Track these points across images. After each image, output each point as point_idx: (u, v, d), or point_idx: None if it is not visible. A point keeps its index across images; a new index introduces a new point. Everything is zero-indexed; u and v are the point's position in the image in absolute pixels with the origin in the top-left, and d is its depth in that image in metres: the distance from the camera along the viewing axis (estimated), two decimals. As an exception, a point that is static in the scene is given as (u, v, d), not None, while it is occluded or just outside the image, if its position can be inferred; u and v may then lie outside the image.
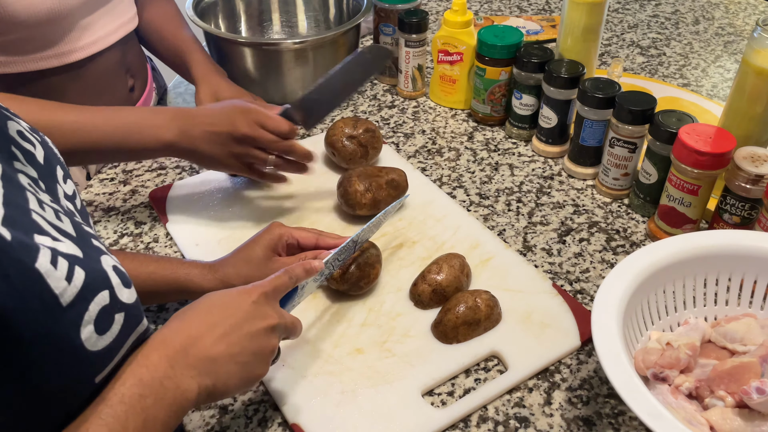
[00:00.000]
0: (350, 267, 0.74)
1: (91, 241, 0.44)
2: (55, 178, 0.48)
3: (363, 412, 0.64)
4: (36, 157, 0.47)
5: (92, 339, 0.41)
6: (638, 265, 0.65)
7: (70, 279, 0.39)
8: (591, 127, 0.92)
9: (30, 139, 0.47)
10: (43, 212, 0.41)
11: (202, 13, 1.10)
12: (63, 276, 0.38)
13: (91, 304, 0.40)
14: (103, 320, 0.42)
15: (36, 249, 0.38)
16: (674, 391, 0.62)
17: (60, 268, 0.38)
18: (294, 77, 1.06)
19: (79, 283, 0.39)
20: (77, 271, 0.40)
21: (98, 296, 0.41)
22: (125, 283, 0.44)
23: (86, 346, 0.41)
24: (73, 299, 0.39)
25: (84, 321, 0.40)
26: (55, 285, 0.38)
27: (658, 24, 1.41)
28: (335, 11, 1.23)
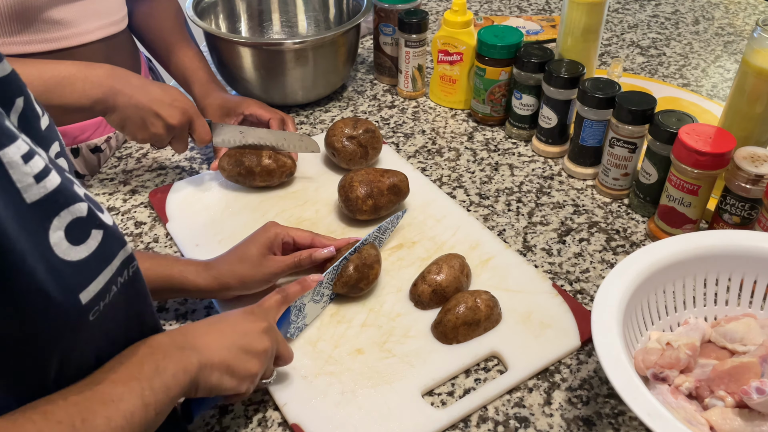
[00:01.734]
0: (349, 269, 0.74)
1: (64, 173, 0.44)
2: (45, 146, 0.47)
3: (363, 412, 0.64)
4: (41, 120, 0.46)
5: (62, 246, 0.40)
6: (638, 265, 0.65)
7: (41, 179, 0.38)
8: (591, 127, 0.92)
9: (41, 107, 0.47)
10: (20, 140, 0.40)
11: (201, 13, 1.10)
12: (32, 173, 0.38)
13: (63, 210, 0.40)
14: (76, 230, 0.41)
15: (12, 137, 0.37)
16: (674, 391, 0.62)
17: (32, 165, 0.38)
18: (294, 77, 1.06)
19: (50, 186, 0.39)
20: (53, 174, 0.39)
21: (74, 206, 0.41)
22: (99, 209, 0.44)
23: (56, 251, 0.40)
24: (40, 199, 0.38)
25: (53, 225, 0.40)
26: (17, 178, 0.37)
27: (658, 24, 1.41)
28: (335, 11, 1.23)
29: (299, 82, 1.07)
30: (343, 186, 0.85)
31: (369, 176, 0.85)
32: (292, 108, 1.13)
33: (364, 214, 0.85)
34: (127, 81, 0.82)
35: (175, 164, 0.99)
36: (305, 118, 1.11)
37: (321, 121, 1.10)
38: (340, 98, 1.16)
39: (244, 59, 1.05)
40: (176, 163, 1.00)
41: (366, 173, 0.86)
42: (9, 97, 0.43)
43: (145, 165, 1.00)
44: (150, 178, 0.97)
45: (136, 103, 0.81)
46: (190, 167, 0.99)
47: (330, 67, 1.09)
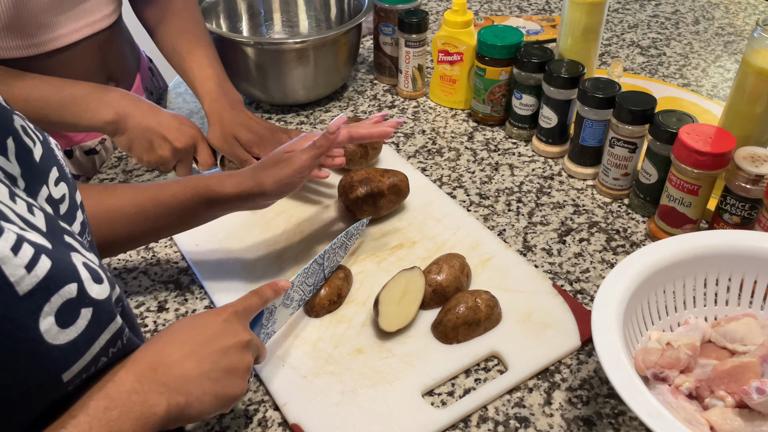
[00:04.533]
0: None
1: (63, 237, 0.43)
2: (44, 180, 0.47)
3: (363, 412, 0.64)
4: (33, 153, 0.46)
5: (53, 331, 0.39)
6: (638, 265, 0.65)
7: (31, 268, 0.38)
8: (591, 127, 0.92)
9: (32, 136, 0.46)
10: (12, 204, 0.40)
11: (203, 13, 1.10)
12: (23, 264, 0.37)
13: (53, 295, 0.39)
14: (66, 313, 0.40)
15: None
16: (674, 391, 0.62)
17: (21, 255, 0.37)
18: (295, 77, 1.06)
19: (41, 273, 0.38)
20: (42, 260, 0.39)
21: (64, 288, 0.40)
22: (96, 278, 0.43)
23: (45, 338, 0.39)
24: (32, 289, 0.38)
25: (44, 312, 0.39)
26: (10, 272, 0.37)
27: (658, 24, 1.41)
28: (336, 11, 1.23)
29: (300, 82, 1.07)
30: (343, 186, 0.85)
31: (369, 176, 0.85)
32: (293, 107, 1.13)
33: (364, 214, 0.85)
34: (138, 105, 0.84)
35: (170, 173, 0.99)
36: (305, 118, 1.11)
37: (321, 120, 1.10)
38: (340, 98, 1.16)
39: (245, 59, 1.05)
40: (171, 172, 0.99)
41: (366, 173, 0.86)
42: (1, 142, 0.43)
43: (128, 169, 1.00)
44: (150, 179, 0.97)
45: (146, 126, 0.83)
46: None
47: (331, 67, 1.09)
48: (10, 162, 0.44)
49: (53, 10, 0.85)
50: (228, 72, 1.09)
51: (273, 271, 0.80)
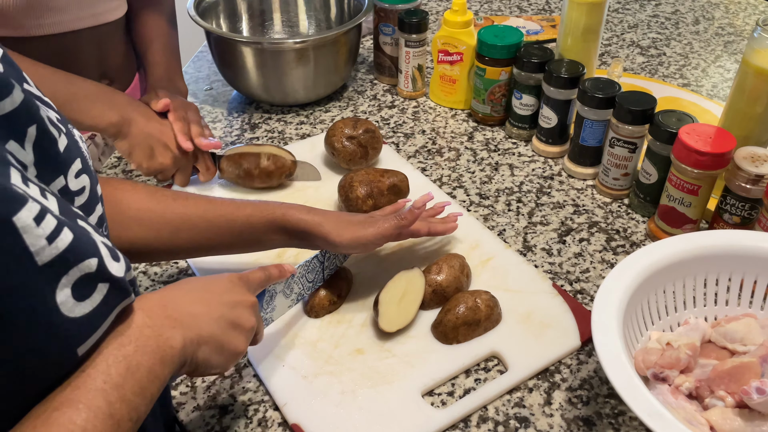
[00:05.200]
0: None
1: (77, 221, 0.42)
2: (63, 170, 0.46)
3: (363, 412, 0.64)
4: (58, 144, 0.45)
5: (68, 304, 0.39)
6: (638, 265, 0.65)
7: (53, 239, 0.37)
8: (591, 127, 0.92)
9: (58, 126, 0.46)
10: (26, 188, 0.39)
11: (203, 13, 1.10)
12: (44, 234, 0.37)
13: (72, 268, 0.39)
14: (83, 286, 0.40)
15: (23, 200, 0.36)
16: (674, 391, 0.62)
17: (44, 226, 0.37)
18: (295, 77, 1.06)
19: (62, 245, 0.38)
20: (65, 232, 0.38)
21: (84, 262, 0.40)
22: (114, 257, 0.42)
23: (62, 310, 0.39)
24: (52, 260, 0.37)
25: (60, 284, 0.38)
26: (31, 242, 0.36)
27: (658, 24, 1.41)
28: (336, 11, 1.23)
29: (300, 82, 1.07)
30: (343, 186, 0.85)
31: (369, 176, 0.85)
32: (293, 107, 1.13)
33: (364, 214, 0.85)
34: (143, 111, 0.85)
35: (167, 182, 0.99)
36: (305, 118, 1.11)
37: (321, 120, 1.10)
38: (340, 98, 1.16)
39: (245, 59, 1.05)
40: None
41: (366, 173, 0.86)
42: (20, 129, 0.42)
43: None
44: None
45: (148, 132, 0.84)
46: (190, 167, 0.99)
47: (331, 67, 1.09)
48: (23, 150, 0.43)
49: None
50: (228, 72, 1.09)
51: (273, 271, 0.80)
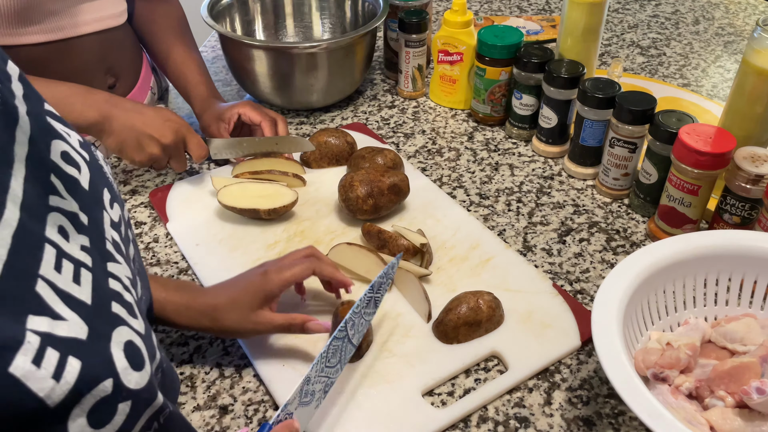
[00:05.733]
0: None
1: (110, 307, 0.39)
2: (101, 205, 0.43)
3: (363, 412, 0.64)
4: (80, 183, 0.42)
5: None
6: (638, 265, 0.65)
7: (59, 375, 0.33)
8: (591, 127, 0.92)
9: (75, 161, 0.43)
10: (56, 276, 0.36)
11: (217, 16, 1.10)
12: (49, 374, 0.33)
13: (85, 396, 0.35)
14: (100, 412, 0.36)
15: (15, 345, 0.32)
16: (674, 391, 0.62)
17: (45, 365, 0.33)
18: (309, 81, 1.05)
19: (71, 379, 0.34)
20: (71, 362, 0.34)
21: (98, 387, 0.36)
22: (135, 365, 0.38)
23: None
24: (65, 398, 0.34)
25: (73, 414, 0.34)
26: (38, 387, 0.32)
27: (658, 24, 1.41)
28: (351, 15, 1.22)
29: (314, 86, 1.06)
30: (344, 186, 0.85)
31: (369, 176, 0.85)
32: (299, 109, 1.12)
33: (364, 214, 0.85)
34: (122, 106, 0.85)
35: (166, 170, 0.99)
36: (305, 118, 1.11)
37: (321, 120, 1.10)
38: (340, 98, 1.16)
39: (258, 62, 1.04)
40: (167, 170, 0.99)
41: (366, 173, 0.86)
42: (48, 179, 0.40)
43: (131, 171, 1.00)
44: (150, 178, 0.97)
45: (131, 126, 0.84)
46: (190, 167, 0.99)
47: (347, 71, 1.08)
48: (65, 199, 0.40)
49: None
50: (240, 75, 1.09)
51: (273, 271, 0.80)
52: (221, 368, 0.70)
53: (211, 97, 1.00)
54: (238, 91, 1.18)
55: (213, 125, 0.97)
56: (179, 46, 1.03)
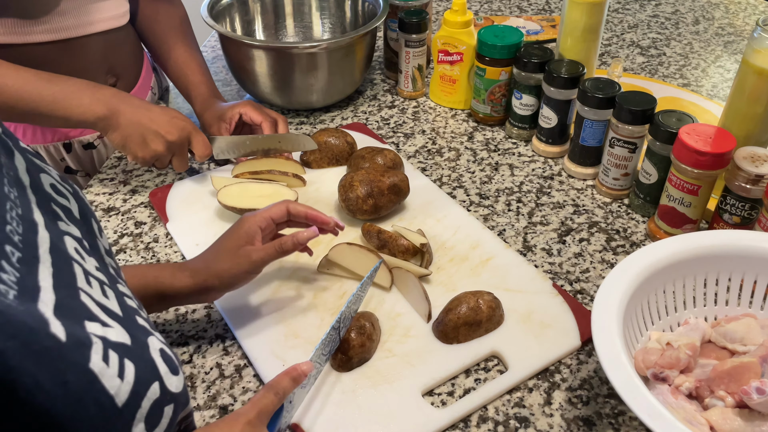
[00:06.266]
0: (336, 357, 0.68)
1: (136, 319, 0.40)
2: (93, 234, 0.44)
3: (363, 412, 0.64)
4: (72, 212, 0.43)
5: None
6: (638, 265, 0.65)
7: (122, 375, 0.34)
8: (591, 127, 0.92)
9: (63, 193, 0.43)
10: (90, 289, 0.37)
11: (217, 16, 1.10)
12: (115, 373, 0.34)
13: (143, 399, 0.36)
14: (153, 415, 0.37)
15: (88, 344, 0.33)
16: (674, 391, 0.62)
17: (112, 364, 0.34)
18: (309, 81, 1.05)
19: (131, 379, 0.35)
20: (127, 364, 0.35)
21: (150, 390, 0.37)
22: (173, 369, 0.40)
23: None
24: (128, 398, 0.35)
25: (136, 419, 0.35)
26: (109, 385, 0.33)
27: (658, 24, 1.41)
28: (351, 15, 1.22)
29: (314, 87, 1.06)
30: (344, 186, 0.85)
31: (369, 176, 0.85)
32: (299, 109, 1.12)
33: (364, 214, 0.85)
34: (129, 102, 0.85)
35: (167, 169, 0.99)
36: (305, 118, 1.11)
37: (321, 120, 1.10)
38: (340, 98, 1.16)
39: (258, 62, 1.04)
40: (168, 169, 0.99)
41: (366, 173, 0.86)
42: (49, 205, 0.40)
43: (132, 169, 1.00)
44: (150, 178, 0.97)
45: (137, 121, 0.84)
46: (189, 167, 0.99)
47: (347, 71, 1.08)
48: (69, 225, 0.40)
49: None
50: (240, 75, 1.09)
51: (273, 270, 0.80)
52: (221, 368, 0.70)
53: (212, 96, 1.01)
54: (238, 91, 1.18)
55: (214, 125, 0.97)
56: (181, 46, 1.03)
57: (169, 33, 1.04)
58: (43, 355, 0.30)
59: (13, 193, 0.36)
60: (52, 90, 0.81)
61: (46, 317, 0.32)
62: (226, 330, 0.74)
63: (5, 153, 0.38)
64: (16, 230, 0.34)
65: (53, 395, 0.30)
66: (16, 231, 0.34)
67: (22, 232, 0.34)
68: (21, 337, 0.29)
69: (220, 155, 0.95)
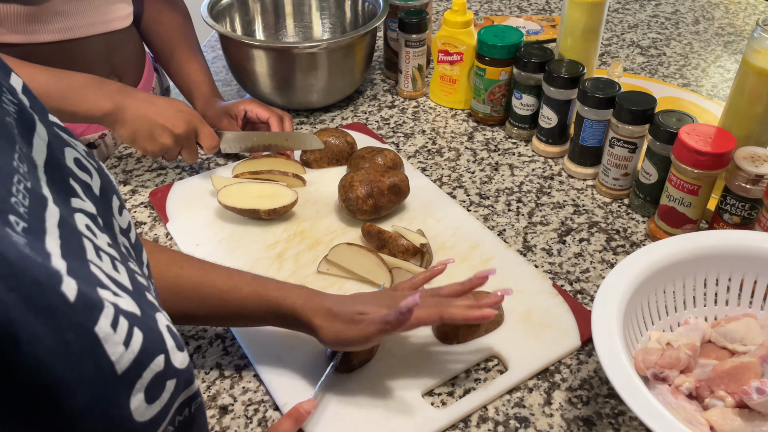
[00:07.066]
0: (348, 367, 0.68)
1: (145, 295, 0.41)
2: (111, 212, 0.44)
3: (363, 412, 0.64)
4: (92, 188, 0.43)
5: (141, 408, 0.36)
6: (638, 265, 0.65)
7: (128, 343, 0.35)
8: (591, 127, 0.92)
9: (87, 168, 0.43)
10: (100, 262, 0.38)
11: (217, 16, 1.10)
12: (121, 340, 0.34)
13: (145, 370, 0.36)
14: (154, 387, 0.37)
15: (100, 307, 0.34)
16: (674, 391, 0.62)
17: (119, 331, 0.34)
18: (309, 81, 1.05)
19: (136, 348, 0.35)
20: (136, 333, 0.36)
21: (154, 362, 0.37)
22: (179, 346, 0.40)
23: (134, 416, 0.36)
24: (129, 366, 0.35)
25: (135, 389, 0.36)
26: (111, 351, 0.34)
27: (658, 24, 1.41)
28: (351, 15, 1.22)
29: (314, 87, 1.06)
30: (344, 186, 0.85)
31: (369, 176, 0.85)
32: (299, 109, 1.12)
33: (364, 214, 0.85)
34: (135, 96, 0.86)
35: (175, 164, 0.99)
36: (305, 118, 1.11)
37: (321, 120, 1.10)
38: (340, 98, 1.16)
39: (258, 62, 1.04)
40: (176, 163, 1.00)
41: (366, 173, 0.86)
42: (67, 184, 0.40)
43: (145, 165, 1.00)
44: (150, 178, 0.97)
45: (143, 115, 0.85)
46: (189, 167, 0.99)
47: (347, 71, 1.08)
48: (84, 201, 0.41)
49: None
50: (240, 75, 1.09)
51: (273, 270, 0.80)
52: (221, 368, 0.70)
53: (214, 96, 1.01)
54: (238, 91, 1.18)
55: (223, 119, 0.98)
56: (183, 46, 1.03)
57: (171, 34, 1.04)
58: (47, 311, 0.31)
59: (23, 168, 0.36)
60: (59, 86, 0.82)
61: (61, 274, 0.32)
62: (226, 330, 0.74)
63: (25, 128, 0.38)
64: (22, 202, 0.34)
65: (53, 352, 0.31)
66: (21, 203, 0.34)
67: (28, 204, 0.35)
68: (24, 291, 0.30)
69: (227, 149, 0.96)
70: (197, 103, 1.01)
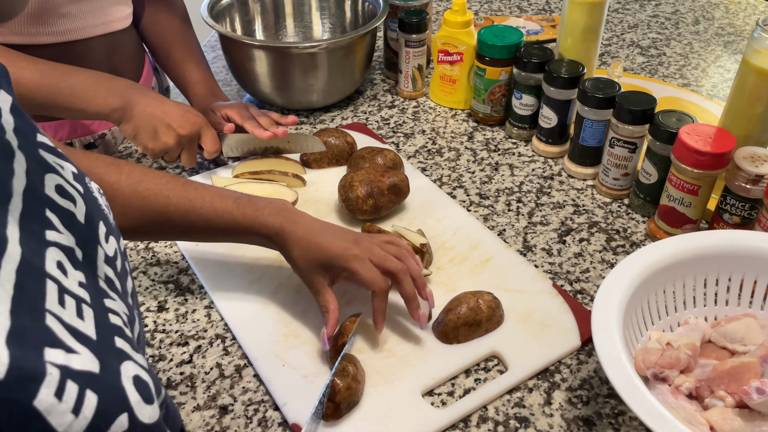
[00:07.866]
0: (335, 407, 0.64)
1: (114, 342, 0.38)
2: (96, 239, 0.43)
3: (363, 412, 0.64)
4: (76, 216, 0.41)
5: None
6: (638, 265, 0.65)
7: (78, 410, 0.32)
8: (591, 127, 0.92)
9: (70, 195, 0.42)
10: (61, 310, 0.36)
11: (217, 16, 1.10)
12: (69, 408, 0.32)
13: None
14: None
15: (39, 377, 0.32)
16: (674, 391, 0.62)
17: (66, 398, 0.32)
18: (309, 81, 1.05)
19: (89, 413, 0.33)
20: (88, 396, 0.33)
21: (115, 423, 0.35)
22: (147, 398, 0.38)
23: None
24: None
25: None
26: (57, 422, 0.31)
27: (658, 24, 1.41)
28: (351, 15, 1.22)
29: (314, 87, 1.06)
30: (344, 186, 0.85)
31: (369, 176, 0.85)
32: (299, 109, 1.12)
33: (364, 214, 0.85)
34: (144, 94, 0.86)
35: (175, 164, 0.99)
36: (305, 118, 1.11)
37: (321, 120, 1.10)
38: (340, 98, 1.16)
39: (258, 62, 1.04)
40: (176, 163, 0.99)
41: (366, 173, 0.86)
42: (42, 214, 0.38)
43: (145, 165, 1.00)
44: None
45: (150, 113, 0.85)
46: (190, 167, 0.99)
47: (347, 71, 1.08)
48: (61, 233, 0.39)
49: None
50: (240, 75, 1.09)
51: (273, 270, 0.80)
52: (221, 368, 0.70)
53: (210, 95, 1.01)
54: (238, 91, 1.18)
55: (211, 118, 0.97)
56: (180, 45, 1.03)
57: (168, 34, 1.04)
58: None
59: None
60: (69, 82, 0.82)
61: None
62: (226, 330, 0.74)
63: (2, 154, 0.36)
64: None
65: None
66: None
67: None
68: None
69: (229, 152, 0.96)
70: (193, 103, 1.01)
